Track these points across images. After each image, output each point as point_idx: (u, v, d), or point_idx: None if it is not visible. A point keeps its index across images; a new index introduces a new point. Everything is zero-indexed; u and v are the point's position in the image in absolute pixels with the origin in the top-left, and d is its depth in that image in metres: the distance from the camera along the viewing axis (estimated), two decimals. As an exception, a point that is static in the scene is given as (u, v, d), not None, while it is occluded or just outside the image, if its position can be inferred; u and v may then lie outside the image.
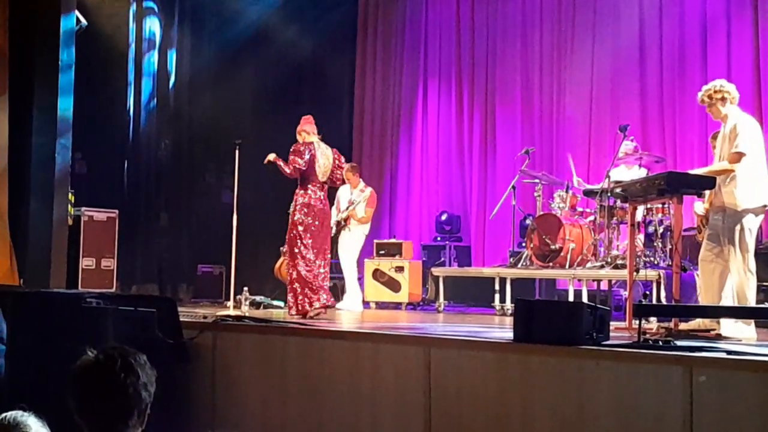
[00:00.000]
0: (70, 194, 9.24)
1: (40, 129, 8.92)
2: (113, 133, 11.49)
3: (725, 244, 6.20)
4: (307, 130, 8.21)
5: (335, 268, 10.26)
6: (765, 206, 6.28)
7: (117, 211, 10.52)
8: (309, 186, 8.05)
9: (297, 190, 8.10)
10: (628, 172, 9.09)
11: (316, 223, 8.03)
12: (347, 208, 9.98)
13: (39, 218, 8.79)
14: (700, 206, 7.40)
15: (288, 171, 8.01)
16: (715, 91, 6.39)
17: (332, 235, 9.73)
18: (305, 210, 8.01)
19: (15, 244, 8.71)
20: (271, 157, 8.17)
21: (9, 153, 8.87)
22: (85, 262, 10.04)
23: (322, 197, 8.13)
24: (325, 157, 8.14)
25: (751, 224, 6.18)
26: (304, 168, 7.99)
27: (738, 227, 6.13)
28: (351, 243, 9.98)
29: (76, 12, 9.23)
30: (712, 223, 6.38)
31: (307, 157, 7.99)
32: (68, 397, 2.71)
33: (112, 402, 2.68)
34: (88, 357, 2.74)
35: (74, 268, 9.68)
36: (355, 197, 10.06)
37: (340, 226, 9.91)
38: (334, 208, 9.91)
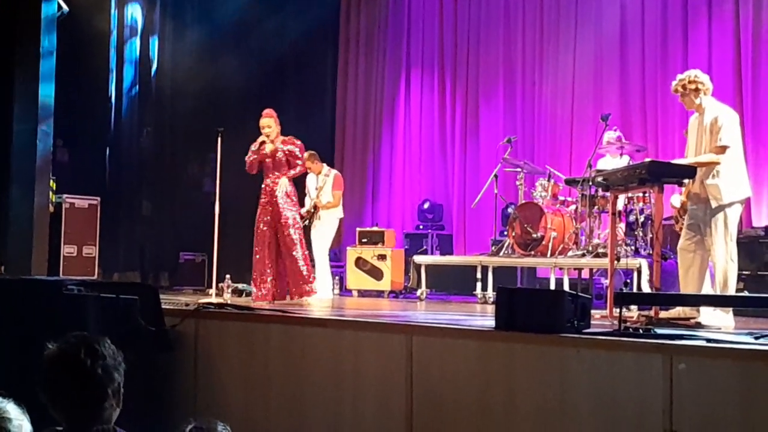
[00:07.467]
0: (51, 181, 9.19)
1: (21, 116, 8.84)
2: (95, 120, 11.45)
3: (708, 234, 6.26)
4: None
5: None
6: (746, 198, 6.37)
7: (99, 198, 10.48)
8: None
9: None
10: (613, 162, 9.11)
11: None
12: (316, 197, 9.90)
13: (20, 205, 8.73)
14: (676, 198, 7.43)
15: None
16: (690, 81, 6.43)
17: (305, 224, 9.75)
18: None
19: (-4, 231, 8.66)
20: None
21: (-10, 140, 8.81)
22: (67, 250, 10.01)
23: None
24: None
25: (734, 215, 6.27)
26: None
27: (722, 218, 6.20)
28: (323, 230, 9.84)
29: (58, -3, 9.16)
30: (692, 214, 6.42)
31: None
32: (40, 392, 2.72)
33: (84, 389, 2.70)
34: (51, 350, 2.75)
35: (56, 256, 9.65)
36: (320, 183, 9.94)
37: (311, 214, 9.80)
38: (306, 198, 9.94)
